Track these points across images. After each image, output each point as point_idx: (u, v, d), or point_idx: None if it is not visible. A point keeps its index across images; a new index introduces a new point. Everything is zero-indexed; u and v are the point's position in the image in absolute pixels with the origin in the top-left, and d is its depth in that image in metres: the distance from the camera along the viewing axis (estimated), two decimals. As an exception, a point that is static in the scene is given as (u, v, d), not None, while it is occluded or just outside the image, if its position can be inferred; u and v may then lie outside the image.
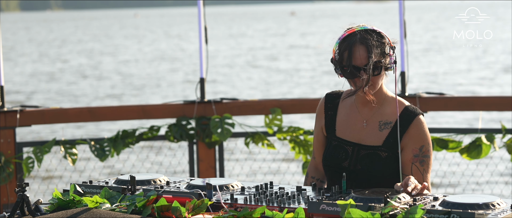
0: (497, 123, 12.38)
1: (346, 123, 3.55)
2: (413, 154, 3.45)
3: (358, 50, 3.36)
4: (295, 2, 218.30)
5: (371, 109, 3.51)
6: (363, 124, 3.52)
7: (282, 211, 2.91)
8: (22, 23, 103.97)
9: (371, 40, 3.37)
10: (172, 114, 6.25)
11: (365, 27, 3.42)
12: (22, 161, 6.07)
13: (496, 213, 2.78)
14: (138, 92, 22.72)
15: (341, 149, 3.52)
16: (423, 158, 3.45)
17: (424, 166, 3.45)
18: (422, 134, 3.46)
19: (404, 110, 3.49)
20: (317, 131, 3.65)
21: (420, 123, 3.47)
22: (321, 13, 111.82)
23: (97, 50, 43.60)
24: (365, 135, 3.51)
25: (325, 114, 3.61)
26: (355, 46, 3.37)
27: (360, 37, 3.38)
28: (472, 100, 6.18)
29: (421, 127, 3.47)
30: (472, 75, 24.50)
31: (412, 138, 3.45)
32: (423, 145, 3.45)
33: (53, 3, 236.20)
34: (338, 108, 3.59)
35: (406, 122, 3.46)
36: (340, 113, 3.58)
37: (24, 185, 3.05)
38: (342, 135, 3.54)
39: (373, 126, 3.51)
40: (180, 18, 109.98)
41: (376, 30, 3.43)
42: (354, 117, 3.54)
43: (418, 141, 3.45)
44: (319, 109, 3.65)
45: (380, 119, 3.50)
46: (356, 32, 3.40)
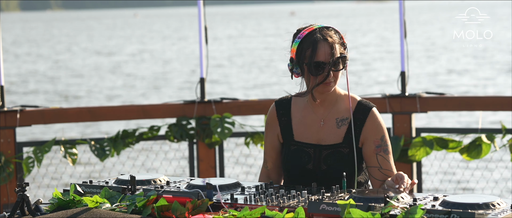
0: (497, 123, 12.38)
1: (303, 126, 3.57)
2: (375, 145, 3.50)
3: (322, 46, 3.40)
4: (295, 2, 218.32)
5: (326, 108, 3.55)
6: (321, 123, 3.55)
7: (282, 211, 2.91)
8: (22, 23, 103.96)
9: (332, 37, 3.43)
10: (172, 114, 6.25)
11: (321, 25, 3.48)
12: (22, 161, 6.07)
13: (496, 213, 2.78)
14: (138, 92, 22.73)
15: (302, 152, 3.54)
16: (385, 147, 3.51)
17: (388, 154, 3.51)
18: (379, 126, 3.52)
19: (358, 105, 3.54)
20: (271, 139, 3.64)
21: (375, 116, 3.53)
22: (321, 13, 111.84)
23: (96, 50, 43.59)
24: (324, 134, 3.54)
25: (278, 121, 3.62)
26: (319, 42, 3.41)
27: (321, 33, 3.43)
28: (472, 100, 6.19)
29: (376, 119, 3.53)
30: (472, 75, 24.50)
31: (370, 131, 3.51)
32: (382, 135, 3.52)
33: (53, 3, 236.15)
34: (290, 112, 3.61)
35: (362, 116, 3.52)
36: (294, 117, 3.60)
37: (24, 185, 3.05)
38: (301, 138, 3.56)
39: (330, 124, 3.54)
40: (180, 18, 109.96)
41: (332, 27, 3.49)
42: (310, 118, 3.57)
43: (377, 132, 3.51)
44: (270, 118, 3.65)
45: (337, 117, 3.54)
46: (315, 30, 3.45)
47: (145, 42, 49.61)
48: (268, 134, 3.67)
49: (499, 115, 12.90)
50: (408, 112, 6.08)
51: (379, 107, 6.12)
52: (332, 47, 3.41)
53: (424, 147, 5.97)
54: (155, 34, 61.28)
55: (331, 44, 3.41)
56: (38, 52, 43.21)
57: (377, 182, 3.49)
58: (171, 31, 65.68)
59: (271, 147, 3.66)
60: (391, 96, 6.13)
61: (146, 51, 41.38)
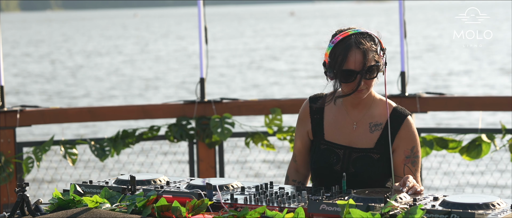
0: (497, 123, 12.38)
1: (335, 126, 3.53)
2: (405, 155, 3.46)
3: (353, 54, 3.34)
4: (295, 2, 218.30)
5: (361, 111, 3.50)
6: (353, 126, 3.51)
7: (282, 211, 2.91)
8: (22, 23, 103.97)
9: (366, 44, 3.35)
10: (172, 114, 6.25)
11: (358, 30, 3.40)
12: (22, 161, 6.07)
13: (496, 213, 2.78)
14: (137, 92, 22.73)
15: (331, 152, 3.50)
16: (414, 159, 3.47)
17: (415, 166, 3.47)
18: (412, 135, 3.48)
19: (393, 111, 3.49)
20: (301, 135, 3.61)
21: (410, 124, 3.49)
22: (320, 13, 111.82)
23: (96, 50, 43.59)
24: (355, 137, 3.50)
25: (311, 118, 3.58)
26: (351, 50, 3.34)
27: (355, 40, 3.35)
28: (472, 100, 6.19)
29: (411, 128, 3.48)
30: (472, 75, 24.50)
31: (403, 139, 3.46)
32: (414, 146, 3.47)
33: (53, 3, 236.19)
34: (324, 111, 3.57)
35: (397, 124, 3.47)
36: (327, 116, 3.56)
37: (24, 185, 3.05)
38: (332, 138, 3.52)
39: (363, 128, 3.50)
40: (179, 18, 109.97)
41: (369, 33, 3.41)
42: (343, 120, 3.52)
43: (409, 142, 3.47)
44: (303, 113, 3.60)
45: (370, 121, 3.50)
46: (350, 35, 3.37)
47: (144, 42, 49.61)
48: (299, 129, 3.61)
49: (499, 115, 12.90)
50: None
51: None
52: (365, 55, 3.33)
53: (424, 147, 5.97)
54: (155, 34, 61.28)
55: (364, 52, 3.33)
56: (38, 52, 43.21)
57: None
58: (170, 31, 65.68)
59: (301, 142, 3.61)
60: (391, 96, 6.13)
61: (145, 51, 41.38)
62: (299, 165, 3.65)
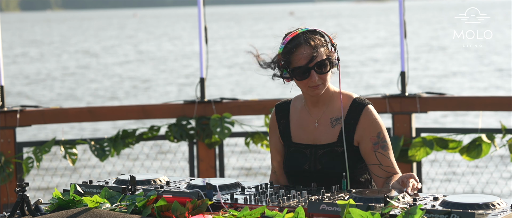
0: (497, 123, 12.38)
1: (299, 127, 3.59)
2: (372, 143, 3.49)
3: (303, 50, 3.42)
4: (295, 2, 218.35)
5: (320, 108, 3.56)
6: (315, 124, 3.56)
7: (282, 211, 2.91)
8: (22, 23, 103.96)
9: (315, 39, 3.43)
10: (172, 114, 6.26)
11: (306, 28, 3.49)
12: (22, 161, 6.07)
13: (496, 213, 2.78)
14: (137, 92, 22.73)
15: (299, 153, 3.55)
16: (383, 143, 3.49)
17: (386, 150, 3.49)
18: (374, 122, 3.51)
19: (353, 103, 3.54)
20: (274, 143, 3.67)
21: (369, 113, 3.51)
22: (320, 13, 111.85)
23: (95, 50, 43.59)
24: (318, 134, 3.54)
25: (278, 124, 3.64)
26: (301, 47, 3.42)
27: (304, 37, 3.44)
28: (472, 100, 6.19)
29: (371, 116, 3.51)
30: (472, 76, 24.50)
31: (365, 128, 3.50)
32: (379, 132, 3.50)
33: (53, 3, 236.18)
34: (289, 115, 3.63)
35: (356, 115, 3.51)
36: (292, 119, 3.62)
37: (24, 185, 3.05)
38: (298, 139, 3.58)
39: (325, 124, 3.55)
40: (179, 19, 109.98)
41: (317, 30, 3.49)
42: (306, 119, 3.58)
43: (373, 130, 3.50)
44: (271, 122, 3.69)
45: (331, 116, 3.55)
46: (299, 34, 3.46)
47: (142, 43, 49.60)
48: (271, 138, 3.69)
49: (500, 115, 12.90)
50: (408, 112, 6.08)
51: (379, 107, 6.14)
52: (315, 50, 3.41)
53: (424, 147, 5.97)
54: (154, 34, 61.27)
55: (314, 48, 3.41)
56: (36, 52, 43.20)
57: (380, 180, 3.48)
58: (169, 31, 65.67)
59: (276, 151, 3.68)
60: (391, 96, 6.13)
61: (144, 51, 41.38)
62: (278, 175, 3.69)
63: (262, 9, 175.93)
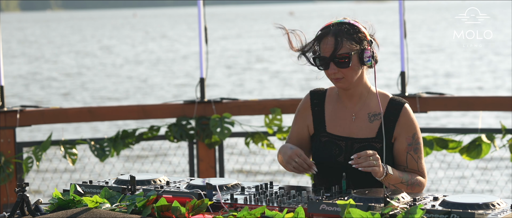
0: (497, 123, 12.38)
1: (335, 118, 3.54)
2: (407, 143, 3.46)
3: (326, 40, 3.40)
4: (295, 2, 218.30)
5: (357, 102, 3.52)
6: (352, 117, 3.52)
7: (282, 211, 2.91)
8: (22, 23, 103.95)
9: (341, 31, 3.39)
10: (172, 114, 6.25)
11: (343, 20, 3.45)
12: (22, 161, 6.07)
13: (496, 213, 2.78)
14: (137, 92, 22.73)
15: (333, 144, 3.50)
16: (416, 145, 3.47)
17: (417, 153, 3.47)
18: (411, 122, 3.48)
19: (390, 101, 3.51)
20: (299, 127, 3.60)
21: (408, 112, 3.49)
22: (320, 13, 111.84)
23: (95, 51, 43.59)
24: (356, 128, 3.50)
25: (311, 111, 3.58)
26: (326, 37, 3.40)
27: (333, 29, 3.41)
28: (472, 100, 6.19)
29: (410, 115, 3.49)
30: (472, 76, 24.50)
31: (403, 127, 3.47)
32: (414, 133, 3.48)
33: (53, 3, 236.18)
34: (324, 103, 3.58)
35: (395, 112, 3.48)
36: (327, 108, 3.57)
37: (24, 185, 3.05)
38: (333, 130, 3.52)
39: (362, 119, 3.51)
40: (178, 19, 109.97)
41: (350, 22, 3.44)
42: (342, 112, 3.53)
43: (410, 130, 3.47)
44: (303, 106, 3.61)
45: (369, 111, 3.51)
46: (331, 25, 3.43)
47: (142, 43, 49.59)
48: (297, 122, 3.61)
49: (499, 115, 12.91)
50: (408, 112, 6.07)
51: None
52: (337, 42, 3.36)
53: (424, 148, 5.97)
54: (152, 34, 61.22)
55: (336, 39, 3.36)
56: (35, 53, 43.20)
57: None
58: (169, 31, 65.66)
59: (297, 135, 3.60)
60: (391, 96, 6.13)
61: (144, 51, 41.38)
62: None
63: (262, 9, 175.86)
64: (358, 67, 3.43)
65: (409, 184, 3.38)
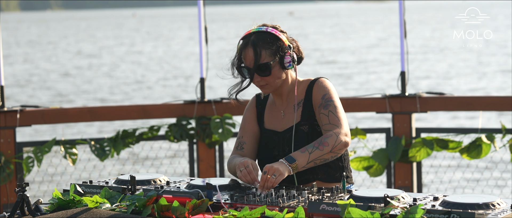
0: (497, 123, 12.38)
1: (270, 115, 3.68)
2: (317, 105, 3.54)
3: (247, 52, 3.53)
4: (294, 2, 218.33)
5: (285, 99, 3.64)
6: (282, 114, 3.64)
7: (282, 211, 2.91)
8: (22, 23, 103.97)
9: (261, 42, 3.51)
10: (172, 114, 6.26)
11: (260, 28, 3.55)
12: (22, 161, 6.08)
13: (496, 213, 2.78)
14: (136, 92, 22.73)
15: (269, 140, 3.62)
16: (325, 103, 3.52)
17: (328, 108, 3.51)
18: (321, 88, 3.56)
19: (309, 84, 3.61)
20: (251, 122, 3.71)
21: (319, 82, 3.58)
22: (319, 13, 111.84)
23: (94, 51, 43.59)
24: (285, 122, 3.61)
25: (257, 109, 3.72)
26: (246, 48, 3.53)
27: (252, 38, 3.53)
28: (472, 100, 6.19)
29: (321, 84, 3.57)
30: (472, 76, 24.51)
31: (315, 95, 3.56)
32: (324, 94, 3.54)
33: (53, 3, 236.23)
34: (266, 103, 3.72)
35: (310, 90, 3.59)
36: (266, 107, 3.71)
37: (24, 185, 3.05)
38: (269, 126, 3.66)
39: (289, 112, 3.62)
40: (178, 19, 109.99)
41: (268, 31, 3.54)
42: (275, 110, 3.67)
43: (319, 93, 3.55)
44: (250, 104, 3.76)
45: (293, 103, 3.62)
46: (250, 34, 3.56)
47: (143, 43, 49.60)
48: (249, 117, 3.72)
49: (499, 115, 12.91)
50: (408, 112, 6.08)
51: (379, 107, 6.15)
52: (257, 53, 3.48)
53: (424, 148, 5.97)
54: (151, 34, 61.22)
55: (257, 51, 3.49)
56: (34, 53, 43.20)
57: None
58: (169, 31, 65.68)
59: (251, 130, 3.70)
60: (391, 96, 6.13)
61: (143, 52, 41.38)
62: (246, 153, 3.67)
63: (262, 9, 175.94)
64: (280, 72, 3.56)
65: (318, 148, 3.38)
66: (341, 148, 3.40)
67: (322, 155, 3.37)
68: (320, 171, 3.52)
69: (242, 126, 3.74)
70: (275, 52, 3.51)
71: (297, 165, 3.34)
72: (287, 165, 3.32)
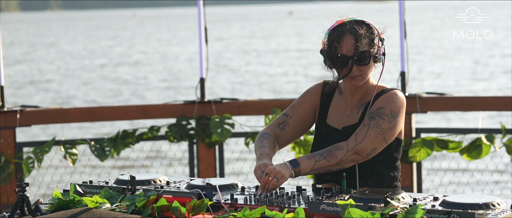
0: (497, 123, 12.38)
1: (335, 111, 3.58)
2: (369, 111, 3.45)
3: (346, 39, 3.40)
4: (294, 2, 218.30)
5: (356, 98, 3.54)
6: (347, 112, 3.55)
7: (282, 211, 2.91)
8: (22, 23, 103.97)
9: (360, 30, 3.42)
10: (172, 114, 6.26)
11: (354, 18, 3.48)
12: (22, 161, 6.08)
13: (496, 213, 2.78)
14: (136, 92, 22.74)
15: (328, 136, 3.54)
16: (375, 115, 3.42)
17: (371, 121, 3.40)
18: (388, 99, 3.46)
19: (381, 90, 3.52)
20: (306, 110, 3.60)
21: (391, 94, 3.48)
22: (319, 13, 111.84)
23: (93, 51, 43.60)
24: (347, 121, 3.53)
25: (321, 99, 3.62)
26: (344, 35, 3.41)
27: (349, 27, 3.42)
28: (472, 100, 6.19)
29: (390, 95, 3.46)
30: (472, 76, 24.51)
31: (376, 103, 3.46)
32: (382, 107, 3.44)
33: (53, 3, 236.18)
34: (333, 95, 3.61)
35: (379, 96, 3.49)
36: (332, 102, 3.60)
37: (24, 185, 3.05)
38: (331, 122, 3.57)
39: (354, 112, 3.54)
40: (177, 19, 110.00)
41: (365, 21, 3.48)
42: (341, 106, 3.57)
43: (380, 104, 3.45)
44: (315, 90, 3.63)
45: (360, 104, 3.53)
46: (345, 23, 3.44)
47: (142, 43, 49.61)
48: (305, 103, 3.62)
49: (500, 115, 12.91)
50: (408, 112, 6.08)
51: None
52: (357, 41, 3.39)
53: (424, 148, 5.97)
54: (150, 35, 61.23)
55: (356, 38, 3.39)
56: (33, 53, 43.21)
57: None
58: (168, 31, 65.68)
59: (302, 116, 3.60)
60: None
61: (143, 52, 41.39)
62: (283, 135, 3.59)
63: (261, 9, 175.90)
64: (372, 64, 3.47)
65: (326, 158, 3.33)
66: (348, 164, 3.34)
67: (327, 165, 3.32)
68: (370, 178, 3.45)
69: (296, 106, 3.61)
70: (370, 43, 3.43)
71: (300, 170, 3.30)
72: (291, 168, 3.28)
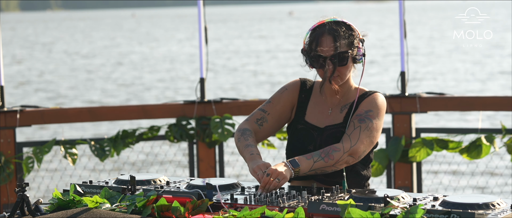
0: (497, 123, 12.39)
1: (315, 109, 3.60)
2: (357, 114, 3.49)
3: (325, 39, 3.45)
4: (294, 2, 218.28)
5: (337, 99, 3.57)
6: (328, 111, 3.57)
7: (282, 211, 2.91)
8: (22, 23, 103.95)
9: (339, 31, 3.45)
10: (172, 114, 6.26)
11: (335, 19, 3.51)
12: (22, 161, 6.07)
13: (496, 213, 2.78)
14: (135, 92, 22.74)
15: (307, 133, 3.56)
16: (364, 117, 3.46)
17: (361, 124, 3.45)
18: (372, 102, 3.51)
19: (364, 93, 3.57)
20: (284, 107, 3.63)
21: (374, 97, 3.53)
22: (319, 14, 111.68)
23: (93, 51, 43.59)
24: (329, 120, 3.56)
25: (299, 96, 3.65)
26: (323, 36, 3.45)
27: (329, 27, 3.46)
28: (472, 100, 6.19)
29: (374, 99, 3.52)
30: (472, 76, 24.51)
31: (362, 106, 3.51)
32: (370, 110, 3.49)
33: (53, 3, 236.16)
34: (311, 93, 3.64)
35: (362, 98, 3.54)
36: (311, 99, 3.63)
37: (24, 185, 3.05)
38: (310, 120, 3.58)
39: (336, 112, 3.56)
40: (176, 19, 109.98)
41: (345, 22, 3.51)
42: (322, 105, 3.60)
43: (366, 107, 3.50)
44: (293, 86, 3.66)
45: (343, 104, 3.57)
46: (325, 23, 3.49)
47: (142, 43, 49.61)
48: (283, 99, 3.64)
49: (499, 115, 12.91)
50: (408, 112, 6.08)
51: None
52: (336, 41, 3.42)
53: (424, 148, 5.97)
54: (150, 35, 61.22)
55: (335, 38, 3.43)
56: (32, 53, 43.20)
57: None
58: (168, 31, 65.68)
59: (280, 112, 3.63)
60: (391, 96, 6.13)
61: (143, 52, 41.39)
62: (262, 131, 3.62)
63: (261, 9, 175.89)
64: (351, 65, 3.51)
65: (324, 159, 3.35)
66: (342, 165, 3.38)
67: (324, 166, 3.35)
68: (350, 177, 3.49)
69: (274, 103, 3.65)
70: (350, 44, 3.46)
71: (300, 171, 3.32)
72: (291, 169, 3.29)
